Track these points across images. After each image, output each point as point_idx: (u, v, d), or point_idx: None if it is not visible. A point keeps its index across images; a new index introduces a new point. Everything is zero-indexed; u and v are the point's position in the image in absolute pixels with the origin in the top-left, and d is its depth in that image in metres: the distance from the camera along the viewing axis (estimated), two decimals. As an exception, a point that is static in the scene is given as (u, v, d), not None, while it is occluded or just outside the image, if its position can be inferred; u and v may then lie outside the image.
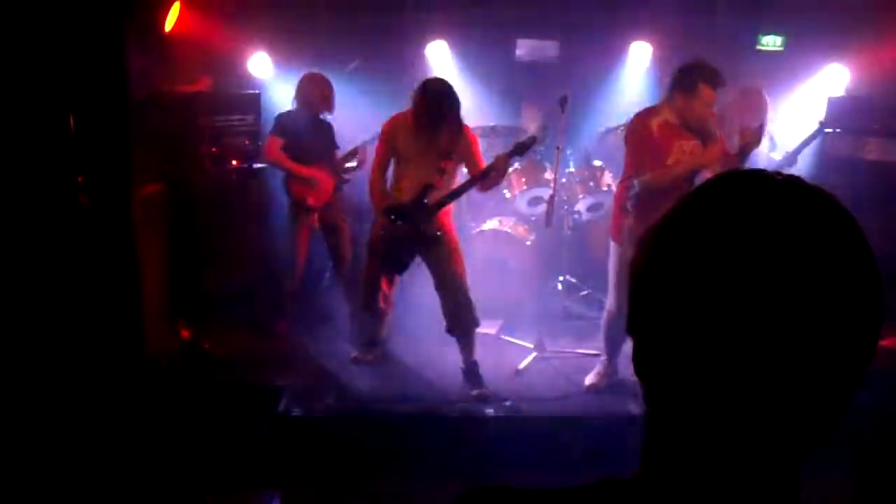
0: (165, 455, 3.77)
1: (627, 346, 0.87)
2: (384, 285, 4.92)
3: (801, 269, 0.68)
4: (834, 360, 0.69)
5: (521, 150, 4.62)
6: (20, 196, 4.42)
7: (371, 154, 5.03)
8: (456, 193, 4.67)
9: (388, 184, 4.79)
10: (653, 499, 0.77)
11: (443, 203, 4.61)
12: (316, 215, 5.45)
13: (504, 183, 6.47)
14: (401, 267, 4.76)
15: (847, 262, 0.70)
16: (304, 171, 5.34)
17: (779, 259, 0.68)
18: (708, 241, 0.71)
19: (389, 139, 4.69)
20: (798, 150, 5.12)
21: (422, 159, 4.60)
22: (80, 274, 4.65)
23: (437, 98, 4.53)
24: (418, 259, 4.74)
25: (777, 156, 5.28)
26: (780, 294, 0.67)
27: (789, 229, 0.69)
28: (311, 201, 5.39)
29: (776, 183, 0.73)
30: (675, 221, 0.76)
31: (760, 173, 0.75)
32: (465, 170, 4.82)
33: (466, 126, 4.70)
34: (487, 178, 4.59)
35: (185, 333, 5.36)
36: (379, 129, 4.78)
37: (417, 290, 5.10)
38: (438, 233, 4.63)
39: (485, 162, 4.64)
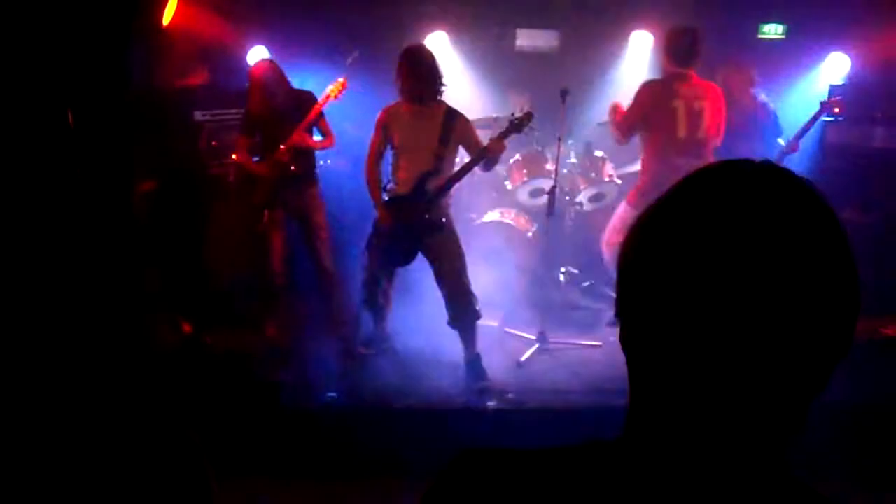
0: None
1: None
2: (384, 280, 4.90)
3: (776, 255, 0.72)
4: (808, 340, 0.73)
5: (516, 127, 4.60)
6: (20, 191, 4.41)
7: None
8: (456, 177, 4.65)
9: (386, 178, 4.78)
10: (633, 460, 0.82)
11: (444, 189, 4.60)
12: (266, 212, 5.17)
13: (505, 174, 6.47)
14: (403, 260, 4.74)
15: (821, 248, 0.74)
16: (252, 167, 5.16)
17: (756, 245, 0.72)
18: (689, 231, 0.76)
19: (384, 128, 4.68)
20: (802, 133, 5.12)
21: (418, 148, 4.58)
22: (81, 268, 4.64)
23: (411, 54, 4.56)
24: (420, 253, 4.73)
25: (782, 140, 5.27)
26: (756, 276, 0.72)
27: (768, 218, 0.74)
28: (254, 199, 5.18)
29: (756, 173, 0.78)
30: (659, 212, 0.81)
31: (742, 164, 0.80)
32: (461, 159, 4.80)
33: (462, 113, 4.67)
34: (485, 158, 4.58)
35: (187, 328, 5.35)
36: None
37: (419, 283, 5.08)
38: (442, 219, 4.61)
39: (484, 143, 4.63)
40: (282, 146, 4.97)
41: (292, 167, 5.03)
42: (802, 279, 0.72)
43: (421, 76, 4.50)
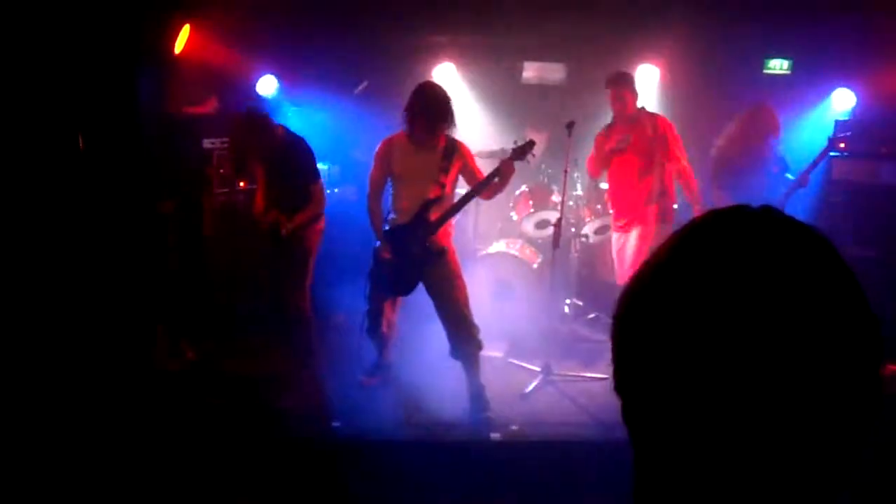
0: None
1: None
2: (387, 310, 4.89)
3: (792, 317, 0.65)
4: (827, 409, 0.66)
5: (520, 153, 4.61)
6: (29, 210, 4.44)
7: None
8: (458, 206, 4.64)
9: (387, 209, 4.79)
10: None
11: (445, 217, 4.59)
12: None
13: (511, 205, 6.49)
14: (405, 289, 4.74)
15: (838, 307, 0.67)
16: (256, 214, 5.11)
17: (766, 311, 0.65)
18: (692, 294, 0.68)
19: (383, 160, 4.68)
20: (809, 170, 5.12)
21: (419, 178, 4.59)
22: (90, 290, 4.66)
23: (427, 91, 4.56)
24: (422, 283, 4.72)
25: (789, 176, 5.28)
26: (768, 348, 0.65)
27: (778, 277, 0.66)
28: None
29: (759, 225, 0.71)
30: (655, 274, 0.73)
31: (741, 215, 0.72)
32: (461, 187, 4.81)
33: (461, 142, 4.69)
34: (491, 184, 4.58)
35: (191, 355, 5.35)
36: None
37: (422, 313, 5.07)
38: (442, 248, 4.61)
39: (484, 174, 4.64)
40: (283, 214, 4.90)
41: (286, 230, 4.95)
42: (822, 343, 0.65)
43: (434, 116, 4.51)
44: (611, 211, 5.81)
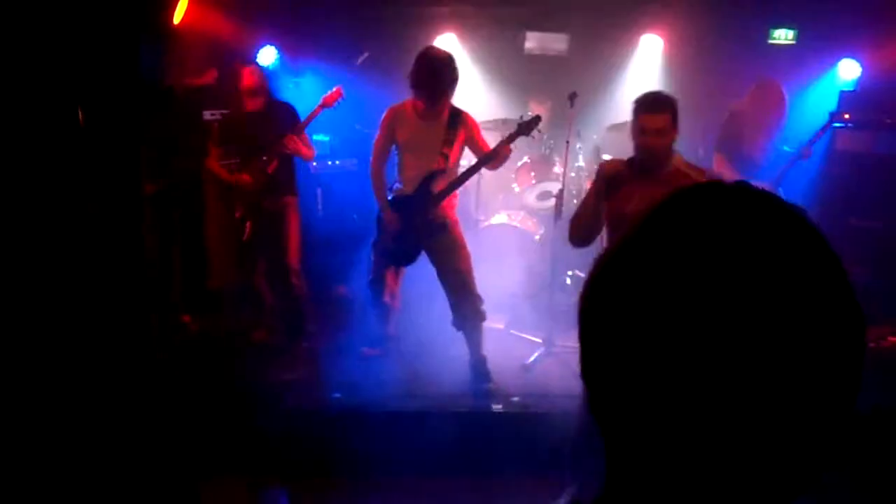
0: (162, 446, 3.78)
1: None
2: (390, 280, 4.90)
3: (765, 295, 0.61)
4: (805, 397, 0.63)
5: (524, 130, 4.60)
6: (28, 189, 4.43)
7: None
8: (461, 179, 4.64)
9: (393, 178, 4.78)
10: None
11: (448, 190, 4.58)
12: (249, 223, 5.23)
13: (513, 177, 6.46)
14: (408, 259, 4.74)
15: (815, 285, 0.63)
16: (228, 177, 5.20)
17: (742, 295, 0.61)
18: (660, 272, 0.64)
19: (389, 128, 4.66)
20: (810, 143, 5.09)
21: (423, 148, 4.57)
22: (88, 266, 4.66)
23: (431, 59, 4.52)
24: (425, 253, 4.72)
25: (787, 148, 5.25)
26: (742, 333, 0.61)
27: (751, 254, 0.63)
28: (236, 212, 5.27)
29: (736, 201, 0.66)
30: (623, 250, 0.69)
31: (717, 189, 0.68)
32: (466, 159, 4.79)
33: (466, 112, 4.67)
34: (492, 160, 4.58)
35: (187, 318, 5.38)
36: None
37: (426, 284, 5.08)
38: (446, 220, 4.60)
39: (489, 146, 4.61)
40: (264, 157, 5.05)
41: (276, 176, 5.10)
42: (800, 325, 0.62)
43: (437, 82, 4.48)
44: None
